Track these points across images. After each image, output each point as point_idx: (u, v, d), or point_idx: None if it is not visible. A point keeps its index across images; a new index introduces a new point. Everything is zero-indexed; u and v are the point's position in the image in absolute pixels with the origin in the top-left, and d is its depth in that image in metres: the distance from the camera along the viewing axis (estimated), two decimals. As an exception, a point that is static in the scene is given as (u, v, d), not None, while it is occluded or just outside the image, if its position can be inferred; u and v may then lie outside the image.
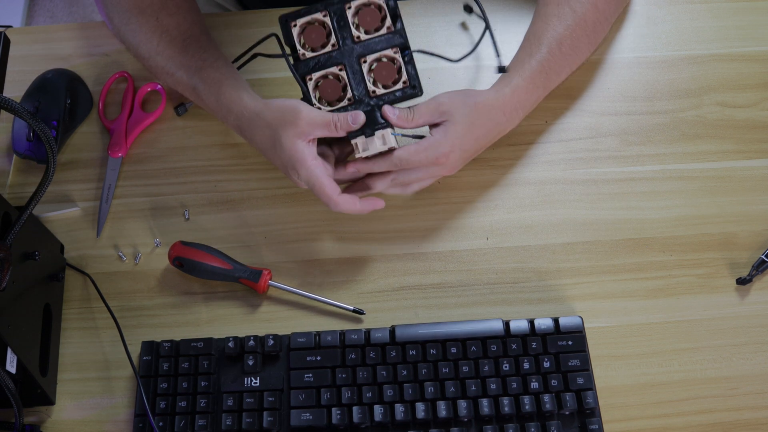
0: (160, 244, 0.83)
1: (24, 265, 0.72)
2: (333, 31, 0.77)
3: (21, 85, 0.90)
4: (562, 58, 0.83)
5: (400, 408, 0.73)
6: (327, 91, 0.77)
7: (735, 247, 0.82)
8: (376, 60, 0.78)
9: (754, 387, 0.76)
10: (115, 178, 0.86)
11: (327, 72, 0.77)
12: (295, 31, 0.77)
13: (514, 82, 0.80)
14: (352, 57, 0.78)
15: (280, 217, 0.85)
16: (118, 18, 0.85)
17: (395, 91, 0.78)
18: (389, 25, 0.77)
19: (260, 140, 0.77)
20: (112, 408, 0.76)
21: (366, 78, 0.78)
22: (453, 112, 0.77)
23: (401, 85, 0.78)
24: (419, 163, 0.76)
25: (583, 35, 0.83)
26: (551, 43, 0.82)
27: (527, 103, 0.82)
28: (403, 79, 0.78)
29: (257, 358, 0.75)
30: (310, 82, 0.77)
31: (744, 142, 0.87)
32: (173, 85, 0.84)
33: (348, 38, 0.77)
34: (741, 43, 0.93)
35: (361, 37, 0.77)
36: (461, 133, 0.77)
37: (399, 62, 0.78)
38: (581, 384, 0.74)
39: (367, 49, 0.78)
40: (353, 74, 0.78)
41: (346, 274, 0.82)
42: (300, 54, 0.77)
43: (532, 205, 0.84)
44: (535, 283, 0.81)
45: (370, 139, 0.76)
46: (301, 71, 0.77)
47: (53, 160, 0.67)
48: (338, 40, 0.77)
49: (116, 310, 0.79)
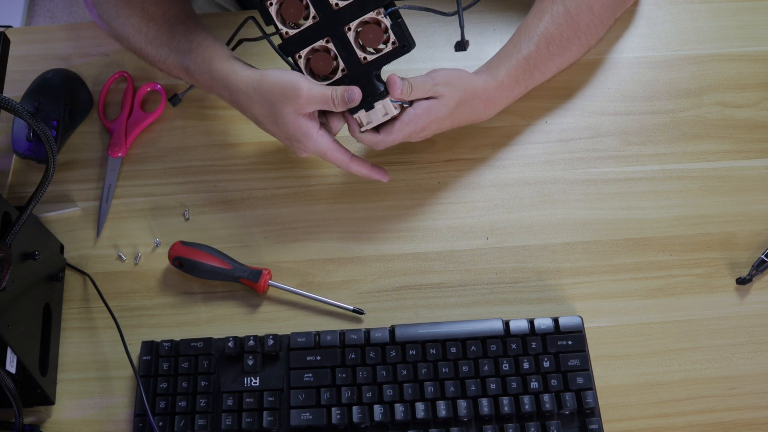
0: (160, 244, 0.83)
1: (24, 265, 0.72)
2: (309, 2, 0.74)
3: (21, 85, 0.90)
4: (549, 57, 0.83)
5: (400, 408, 0.73)
6: (319, 65, 0.76)
7: (735, 247, 0.82)
8: (361, 24, 0.74)
9: (754, 387, 0.76)
10: (115, 178, 0.86)
11: (314, 46, 0.75)
12: (273, 10, 0.74)
13: (499, 77, 0.81)
14: (336, 26, 0.74)
15: (280, 217, 0.85)
16: (107, 14, 0.85)
17: (386, 54, 0.75)
18: None
19: (259, 114, 0.76)
20: (112, 408, 0.76)
21: (354, 45, 0.75)
22: (445, 94, 0.77)
23: (390, 46, 0.74)
24: (400, 138, 0.78)
25: (573, 36, 0.83)
26: (540, 40, 0.82)
27: (506, 98, 0.83)
28: (392, 39, 0.74)
29: (257, 358, 0.75)
30: (300, 60, 0.76)
31: (744, 142, 0.87)
32: (168, 71, 0.83)
33: (327, 7, 0.74)
34: (741, 43, 0.93)
35: (340, 3, 0.73)
36: (444, 114, 0.77)
37: (384, 23, 0.74)
38: (581, 384, 0.74)
39: (348, 14, 0.74)
40: (341, 44, 0.75)
41: (346, 274, 0.82)
42: (283, 32, 0.75)
43: (532, 205, 0.84)
44: (535, 283, 0.81)
45: (372, 112, 0.76)
46: (288, 51, 0.76)
47: (53, 160, 0.67)
48: (318, 11, 0.74)
49: (116, 310, 0.79)
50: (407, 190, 0.85)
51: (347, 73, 0.76)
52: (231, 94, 0.78)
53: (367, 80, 0.75)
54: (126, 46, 0.86)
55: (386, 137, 0.77)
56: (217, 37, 0.82)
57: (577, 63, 0.90)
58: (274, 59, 0.77)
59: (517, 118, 0.89)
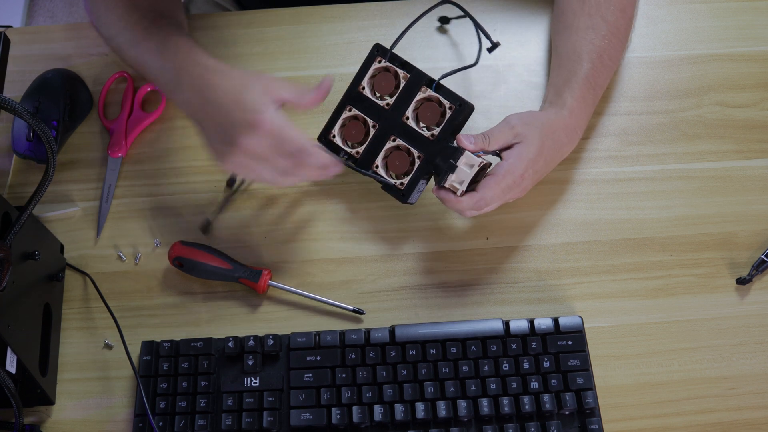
0: (159, 244, 0.83)
1: (24, 265, 0.72)
2: (364, 116, 0.81)
3: (21, 85, 0.90)
4: (604, 70, 0.82)
5: (400, 408, 0.73)
6: (396, 164, 0.80)
7: (735, 247, 0.82)
8: (415, 109, 0.80)
9: (754, 387, 0.76)
10: (115, 178, 0.86)
11: (385, 150, 0.80)
12: (339, 141, 0.82)
13: (568, 104, 0.80)
14: (395, 122, 0.80)
15: (280, 217, 0.85)
16: (96, 16, 0.84)
17: (449, 120, 0.79)
18: (404, 75, 0.81)
19: (226, 87, 0.71)
20: (112, 408, 0.76)
21: (418, 129, 0.80)
22: (526, 134, 0.76)
23: (449, 112, 0.79)
24: (501, 193, 0.75)
25: (618, 43, 0.83)
26: (593, 56, 0.81)
27: (582, 121, 0.82)
28: (448, 105, 0.79)
29: (257, 358, 0.75)
30: (378, 169, 0.80)
31: (743, 142, 0.87)
32: (137, 56, 0.80)
33: (380, 111, 0.81)
34: (741, 43, 0.93)
35: (390, 102, 0.81)
36: (534, 155, 0.76)
37: (434, 96, 0.80)
38: (581, 384, 0.74)
39: (401, 107, 0.80)
40: (407, 135, 0.80)
41: (346, 274, 0.82)
42: (353, 153, 0.81)
43: (533, 205, 0.84)
44: (535, 283, 0.81)
45: (459, 171, 0.75)
46: (366, 166, 0.81)
47: (53, 160, 0.67)
48: (375, 119, 0.81)
49: (116, 310, 0.79)
50: (407, 190, 0.85)
51: (423, 157, 0.79)
52: (203, 70, 0.73)
53: (444, 152, 0.77)
54: (110, 45, 0.84)
55: (484, 193, 0.74)
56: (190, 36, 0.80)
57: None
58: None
59: (517, 118, 0.89)
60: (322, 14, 0.96)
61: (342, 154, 0.82)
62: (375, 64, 0.82)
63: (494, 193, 0.74)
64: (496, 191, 0.74)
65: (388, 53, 0.82)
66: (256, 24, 0.95)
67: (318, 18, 0.96)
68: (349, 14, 0.96)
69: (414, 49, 0.92)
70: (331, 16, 0.96)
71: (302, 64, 0.92)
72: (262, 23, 0.95)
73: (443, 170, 0.75)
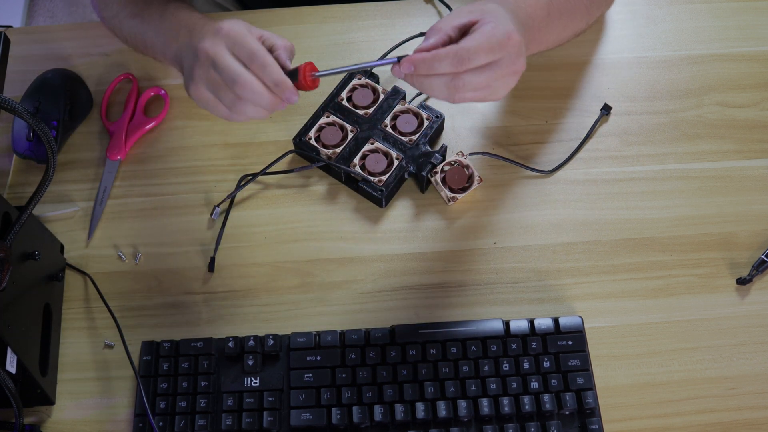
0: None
1: (24, 265, 0.72)
2: (342, 122, 0.85)
3: (21, 85, 0.90)
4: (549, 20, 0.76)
5: (400, 408, 0.73)
6: (373, 164, 0.83)
7: (735, 247, 0.82)
8: (393, 118, 0.85)
9: (754, 387, 0.76)
10: (111, 180, 0.86)
11: (363, 151, 0.83)
12: (314, 142, 0.84)
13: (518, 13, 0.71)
14: (374, 129, 0.84)
15: (280, 217, 0.85)
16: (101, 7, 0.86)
17: (425, 128, 0.84)
18: (381, 89, 0.86)
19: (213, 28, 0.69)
20: (112, 408, 0.76)
21: (397, 136, 0.84)
22: (488, 9, 0.67)
23: (426, 121, 0.84)
24: (487, 48, 0.64)
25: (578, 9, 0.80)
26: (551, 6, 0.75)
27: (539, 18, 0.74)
28: (425, 116, 0.84)
29: (257, 358, 0.75)
30: (356, 167, 0.83)
31: (744, 142, 0.87)
32: (130, 28, 0.82)
33: (359, 118, 0.85)
34: (741, 43, 0.93)
35: (368, 111, 0.85)
36: (511, 19, 0.67)
37: (411, 108, 0.85)
38: (581, 384, 0.74)
39: (379, 116, 0.85)
40: (386, 139, 0.84)
41: (346, 274, 0.82)
42: (330, 153, 0.83)
43: (532, 205, 0.84)
44: (535, 283, 0.81)
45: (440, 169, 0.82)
46: (343, 163, 0.83)
47: (53, 160, 0.67)
48: (354, 125, 0.85)
49: (116, 310, 0.79)
50: (407, 191, 0.85)
51: (401, 160, 0.83)
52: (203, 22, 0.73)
53: (422, 155, 0.83)
54: (111, 30, 0.86)
55: (465, 42, 0.63)
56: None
57: (578, 63, 0.90)
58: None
59: (517, 118, 0.89)
60: (323, 14, 0.96)
61: (315, 153, 0.84)
62: (355, 80, 0.87)
63: (478, 43, 0.63)
64: (480, 41, 0.63)
65: (368, 72, 0.87)
66: (257, 24, 0.93)
67: (318, 18, 0.96)
68: (350, 14, 0.96)
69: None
70: (331, 16, 0.96)
71: (302, 64, 0.92)
72: (263, 23, 0.95)
73: (426, 167, 0.81)
